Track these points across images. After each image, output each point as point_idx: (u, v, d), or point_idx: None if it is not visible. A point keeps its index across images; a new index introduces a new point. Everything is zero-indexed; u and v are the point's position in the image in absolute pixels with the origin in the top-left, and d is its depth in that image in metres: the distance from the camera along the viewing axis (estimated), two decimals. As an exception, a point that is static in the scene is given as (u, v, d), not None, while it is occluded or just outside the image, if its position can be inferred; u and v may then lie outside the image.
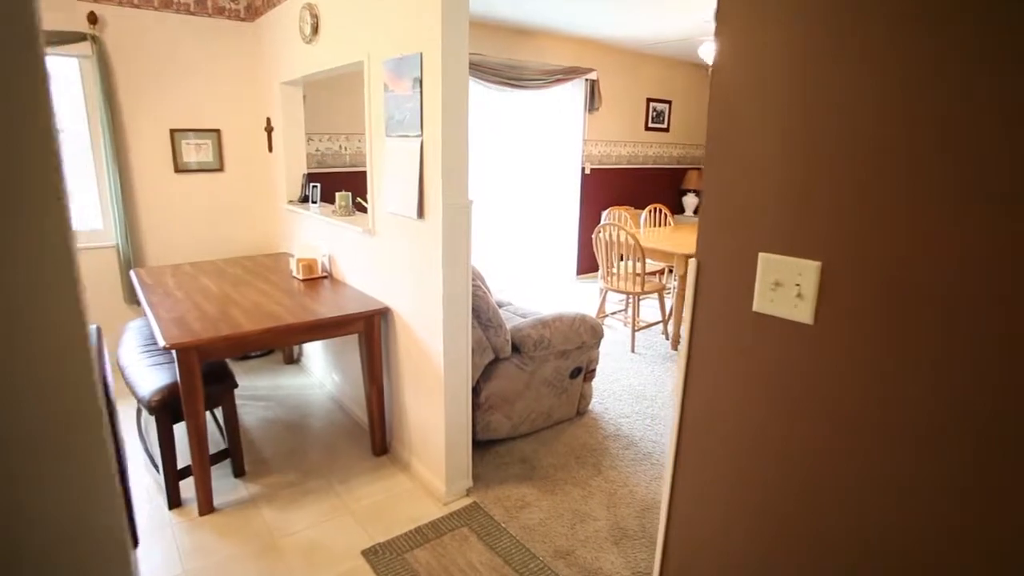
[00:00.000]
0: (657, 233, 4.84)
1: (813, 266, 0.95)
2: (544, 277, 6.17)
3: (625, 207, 5.67)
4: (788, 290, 1.00)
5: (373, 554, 2.05)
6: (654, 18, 4.55)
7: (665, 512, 1.26)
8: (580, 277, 6.34)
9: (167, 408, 2.20)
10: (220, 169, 3.87)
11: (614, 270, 4.20)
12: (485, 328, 2.55)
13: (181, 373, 2.10)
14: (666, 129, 6.74)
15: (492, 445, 2.77)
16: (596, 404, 3.23)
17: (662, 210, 5.52)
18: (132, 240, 3.59)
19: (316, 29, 2.87)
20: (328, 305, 2.57)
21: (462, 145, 2.08)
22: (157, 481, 2.45)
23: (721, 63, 1.05)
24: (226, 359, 2.49)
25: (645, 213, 5.47)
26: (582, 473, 2.56)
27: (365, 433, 2.90)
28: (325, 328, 2.43)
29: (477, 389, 2.59)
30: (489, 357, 2.59)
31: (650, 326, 4.47)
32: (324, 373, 3.48)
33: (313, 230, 3.34)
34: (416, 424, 2.50)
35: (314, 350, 3.61)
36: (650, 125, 6.54)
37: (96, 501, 0.49)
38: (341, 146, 4.38)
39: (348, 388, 3.14)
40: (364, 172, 2.65)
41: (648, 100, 6.42)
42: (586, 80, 5.70)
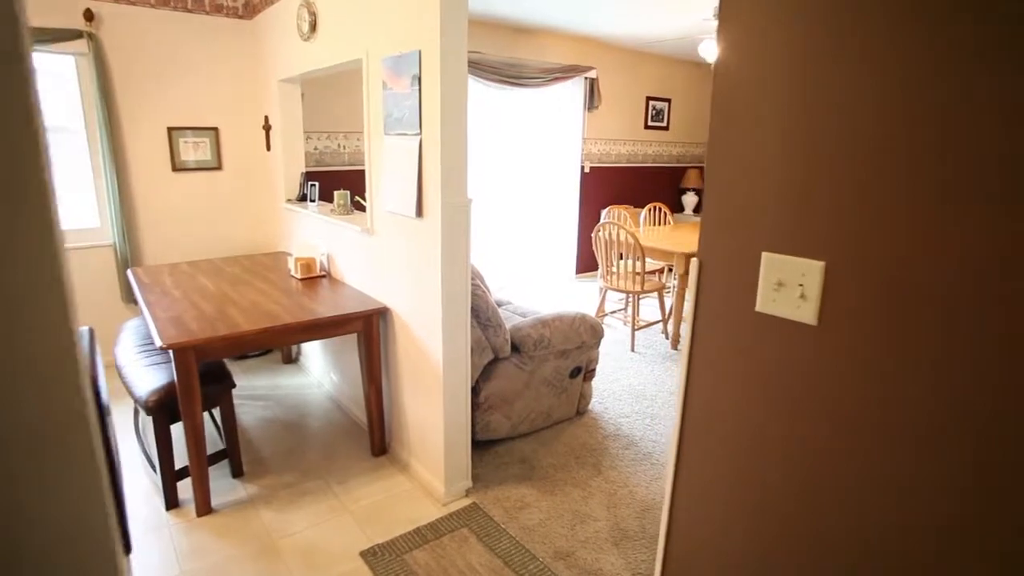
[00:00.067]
0: (657, 232, 4.82)
1: (817, 266, 0.94)
2: (543, 276, 6.16)
3: (625, 206, 5.66)
4: (791, 290, 0.99)
5: (372, 555, 2.04)
6: (654, 16, 4.54)
7: (667, 512, 1.25)
8: (579, 276, 6.33)
9: (164, 408, 2.19)
10: (218, 168, 3.85)
11: (614, 269, 4.19)
12: (484, 328, 2.53)
13: (178, 373, 2.09)
14: (665, 128, 6.73)
15: (491, 445, 2.76)
16: (596, 404, 3.22)
17: (662, 209, 5.50)
18: (129, 239, 3.57)
19: (314, 26, 2.86)
20: (326, 304, 2.55)
21: (461, 143, 2.06)
22: (154, 482, 2.44)
23: (723, 62, 1.04)
24: (224, 359, 2.47)
25: (645, 212, 5.46)
26: (582, 473, 2.54)
27: (364, 433, 2.89)
28: (323, 328, 2.42)
29: (476, 389, 2.58)
30: (488, 357, 2.58)
31: (650, 325, 4.46)
32: (323, 373, 3.47)
33: (311, 229, 3.33)
34: (415, 424, 2.48)
35: (313, 349, 3.60)
36: (649, 123, 6.53)
37: (84, 508, 0.47)
38: (340, 144, 4.37)
39: (347, 388, 3.13)
40: (363, 171, 2.63)
41: (648, 98, 6.41)
42: (585, 78, 5.69)
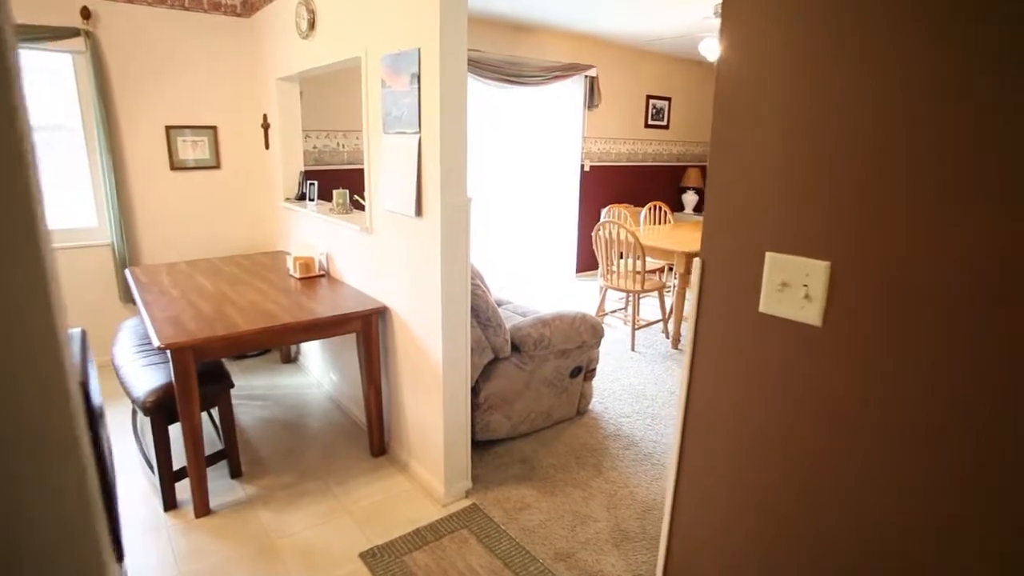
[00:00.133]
0: (657, 231, 4.81)
1: (822, 266, 0.93)
2: (543, 275, 6.15)
3: (625, 205, 5.64)
4: (796, 291, 0.97)
5: (371, 556, 2.02)
6: (654, 14, 4.52)
7: (668, 512, 1.25)
8: (579, 275, 6.32)
9: (162, 409, 2.17)
10: (216, 166, 3.83)
11: (614, 268, 4.18)
12: (484, 327, 2.52)
13: (176, 373, 2.07)
14: (666, 126, 6.71)
15: (491, 445, 2.75)
16: (596, 404, 3.21)
17: (662, 208, 5.49)
18: (127, 238, 3.55)
19: (313, 24, 2.84)
20: (325, 304, 2.54)
21: (461, 142, 2.05)
22: (153, 483, 2.43)
23: (726, 62, 1.02)
24: (222, 359, 2.46)
25: (645, 211, 5.44)
26: (582, 474, 2.53)
27: (363, 433, 2.88)
28: (322, 327, 2.40)
29: (476, 389, 2.56)
30: (488, 357, 2.57)
31: (650, 324, 4.45)
32: (322, 372, 3.45)
33: (310, 228, 3.31)
34: (414, 424, 2.47)
35: (312, 349, 3.59)
36: (650, 122, 6.51)
37: (68, 517, 0.46)
38: (339, 143, 4.35)
39: (346, 388, 3.12)
40: (362, 169, 2.62)
41: (648, 97, 6.39)
42: (585, 77, 5.67)
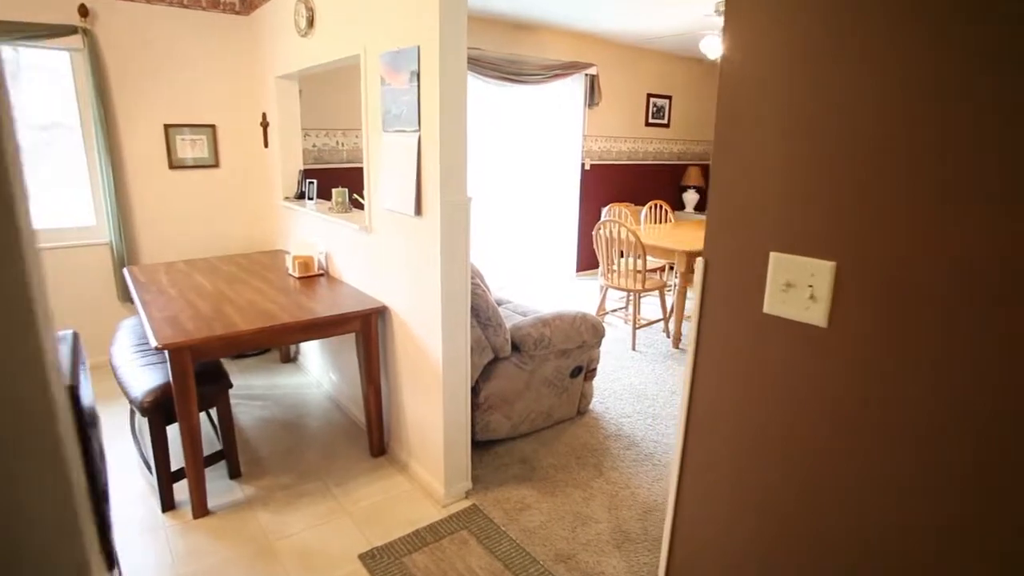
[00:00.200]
0: (658, 230, 4.79)
1: (827, 266, 0.92)
2: (544, 274, 6.13)
3: (625, 203, 5.62)
4: (800, 291, 0.96)
5: (371, 558, 2.01)
6: (655, 12, 4.50)
7: (671, 514, 1.24)
8: (580, 274, 6.30)
9: (160, 409, 2.16)
10: (215, 165, 3.82)
11: (614, 267, 4.16)
12: (484, 327, 2.50)
13: (174, 374, 2.06)
14: (666, 125, 6.69)
15: (491, 446, 2.73)
16: (597, 403, 3.19)
17: (662, 206, 5.47)
18: (125, 237, 3.54)
19: (311, 22, 2.82)
20: (324, 303, 2.52)
21: (460, 140, 2.03)
22: (151, 483, 2.41)
23: (729, 60, 1.00)
24: (220, 358, 2.44)
25: (645, 209, 5.42)
26: (583, 474, 2.52)
27: (363, 433, 2.86)
28: (321, 327, 2.39)
29: (476, 389, 2.55)
30: (488, 356, 2.55)
31: (651, 324, 4.43)
32: (321, 372, 3.44)
33: (309, 227, 3.30)
34: (414, 425, 2.46)
35: (311, 349, 3.57)
36: (650, 121, 6.49)
37: (48, 524, 0.44)
38: (338, 142, 4.33)
39: (345, 387, 3.10)
40: (361, 168, 2.60)
41: (648, 95, 6.37)
42: (586, 75, 5.65)
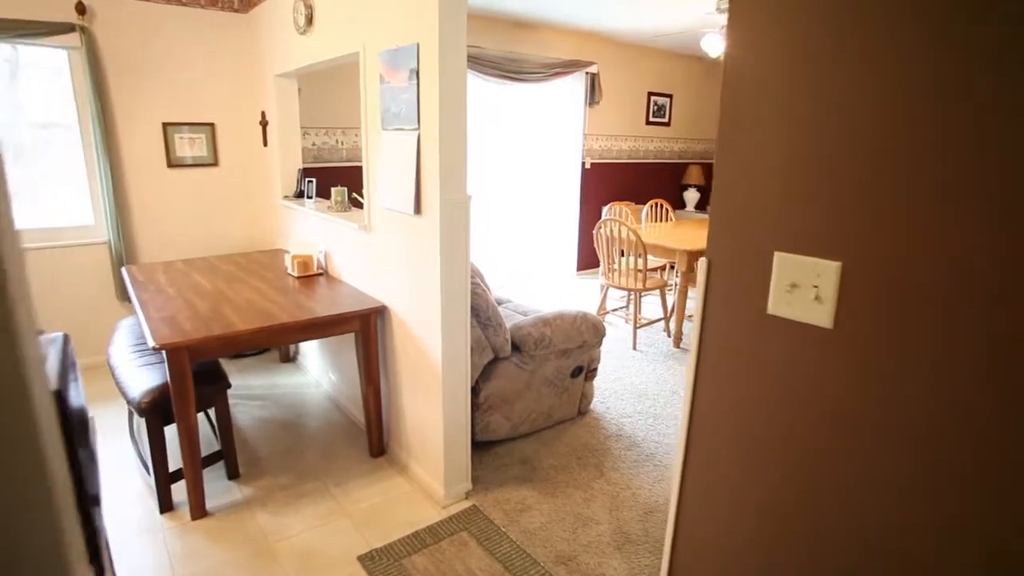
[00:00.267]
0: (658, 229, 4.78)
1: (833, 267, 0.90)
2: (544, 273, 6.11)
3: (626, 202, 5.60)
4: (806, 292, 0.94)
5: (370, 560, 1.99)
6: (655, 10, 4.47)
7: (673, 515, 1.23)
8: (580, 273, 6.28)
9: (158, 410, 2.14)
10: (214, 164, 3.80)
11: (615, 266, 4.14)
12: (484, 327, 2.49)
13: (171, 374, 2.04)
14: (667, 123, 6.67)
15: (491, 446, 2.72)
16: (597, 403, 3.18)
17: (663, 205, 5.45)
18: (124, 236, 3.52)
19: (310, 20, 2.80)
20: (324, 303, 2.51)
21: (460, 139, 2.01)
22: (149, 484, 2.40)
23: (733, 59, 0.99)
24: (219, 358, 2.42)
25: (646, 208, 5.41)
26: (584, 475, 2.50)
27: (362, 434, 2.85)
28: (320, 327, 2.37)
29: (476, 389, 2.53)
30: (488, 356, 2.54)
31: (652, 323, 4.42)
32: (321, 372, 3.43)
33: (309, 226, 3.28)
34: (414, 425, 2.44)
35: (311, 348, 3.56)
36: (651, 119, 6.47)
37: (28, 533, 0.43)
38: (338, 140, 4.31)
39: (345, 387, 3.09)
40: (361, 167, 2.58)
41: (649, 94, 6.34)
42: (586, 73, 5.63)
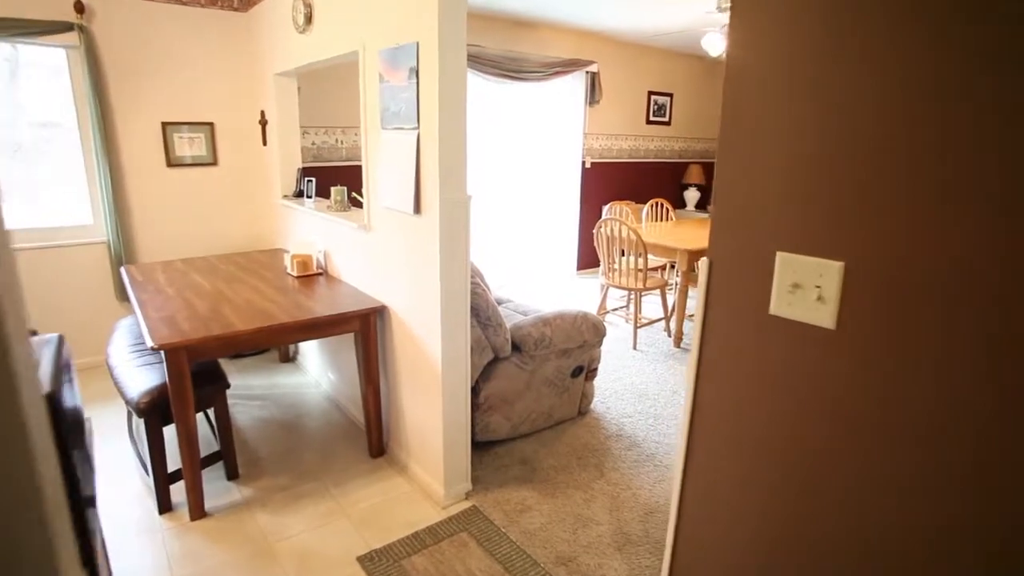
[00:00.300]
0: (659, 228, 4.77)
1: (835, 267, 0.89)
2: (544, 273, 6.10)
3: (626, 201, 5.59)
4: (808, 292, 0.94)
5: (369, 560, 1.99)
6: (655, 9, 4.46)
7: (674, 516, 1.23)
8: (580, 273, 6.28)
9: (156, 410, 2.13)
10: (214, 163, 3.79)
11: (615, 266, 4.13)
12: (484, 327, 2.48)
13: (170, 374, 2.03)
14: (667, 122, 6.66)
15: (492, 446, 2.71)
16: (598, 403, 3.17)
17: (664, 204, 5.44)
18: (123, 236, 3.51)
19: (310, 19, 2.79)
20: (323, 303, 2.50)
21: (460, 138, 2.00)
22: (147, 484, 2.39)
23: (734, 58, 0.98)
24: (218, 358, 2.42)
25: (647, 208, 5.40)
26: (584, 475, 2.49)
27: (362, 434, 2.84)
28: (320, 327, 2.36)
29: (476, 389, 2.52)
30: (488, 357, 2.53)
31: (652, 323, 4.41)
32: (320, 372, 3.42)
33: (308, 226, 3.27)
34: (414, 425, 2.43)
35: (310, 348, 3.55)
36: (651, 118, 6.45)
37: (14, 538, 0.42)
38: (337, 140, 4.30)
39: (344, 387, 3.08)
40: (361, 166, 2.57)
41: (649, 93, 6.33)
42: (587, 72, 5.62)
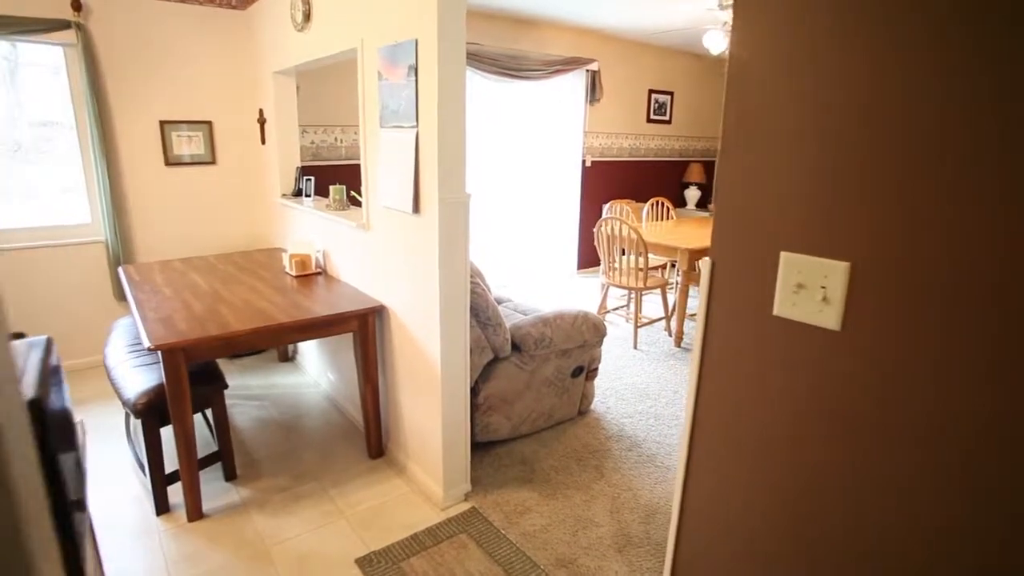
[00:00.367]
0: (659, 227, 4.75)
1: (841, 267, 0.87)
2: (544, 272, 6.09)
3: (627, 200, 5.58)
4: (813, 293, 0.92)
5: (368, 563, 1.97)
6: (656, 7, 4.44)
7: (675, 519, 1.22)
8: (581, 272, 6.26)
9: (153, 411, 2.12)
10: (212, 162, 3.77)
11: (616, 265, 4.12)
12: (484, 327, 2.46)
13: (167, 375, 2.02)
14: (668, 121, 6.64)
15: (491, 447, 2.69)
16: (598, 403, 3.15)
17: (664, 203, 5.42)
18: (121, 235, 3.50)
19: (308, 16, 2.77)
20: (321, 303, 2.48)
21: (459, 136, 1.98)
22: (145, 486, 2.38)
23: (737, 56, 0.96)
24: (216, 359, 2.40)
25: (647, 207, 5.38)
26: (584, 476, 2.48)
27: (361, 434, 2.82)
28: (318, 327, 2.34)
29: (476, 390, 2.51)
30: (488, 357, 2.51)
31: (652, 322, 4.39)
32: (319, 372, 3.40)
33: (307, 225, 3.25)
34: (413, 426, 2.42)
35: (309, 348, 3.53)
36: (652, 117, 6.43)
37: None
38: (336, 138, 4.28)
39: (343, 387, 3.06)
40: (360, 165, 2.56)
41: (650, 91, 6.31)
42: (587, 71, 5.60)
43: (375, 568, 1.94)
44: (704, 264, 1.08)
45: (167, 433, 2.20)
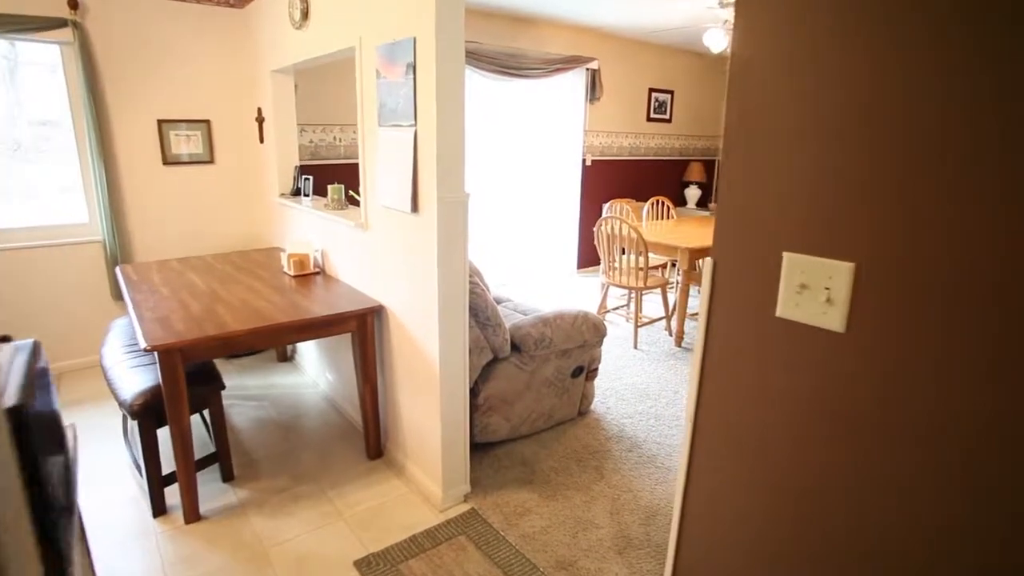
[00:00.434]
0: (660, 226, 4.73)
1: (845, 268, 0.86)
2: (544, 272, 6.07)
3: (627, 199, 5.56)
4: (816, 294, 0.91)
5: (366, 565, 1.96)
6: (656, 5, 4.42)
7: (676, 521, 1.22)
8: (581, 271, 6.24)
9: (150, 412, 2.10)
10: (210, 161, 3.76)
11: (616, 264, 4.10)
12: (483, 327, 2.45)
13: (163, 376, 2.00)
14: (668, 120, 6.62)
15: (491, 447, 2.68)
16: (598, 404, 3.14)
17: (664, 203, 5.41)
18: (119, 235, 3.48)
19: (306, 14, 2.75)
20: (320, 303, 2.46)
21: (458, 135, 1.97)
22: (142, 487, 2.36)
23: (739, 55, 0.95)
24: (213, 359, 2.39)
25: (647, 206, 5.36)
26: (584, 477, 2.46)
27: (359, 435, 2.81)
28: (316, 327, 2.33)
29: (475, 390, 2.49)
30: (487, 357, 2.50)
31: (653, 322, 4.37)
32: (318, 372, 3.39)
33: (305, 224, 3.24)
34: (411, 426, 2.40)
35: (308, 348, 3.52)
36: (652, 116, 6.42)
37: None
38: (335, 137, 4.27)
39: (342, 388, 3.05)
40: (358, 164, 2.54)
41: (650, 90, 6.29)
42: (587, 69, 5.58)
43: (373, 570, 1.93)
44: (706, 264, 1.07)
45: (164, 434, 2.18)
